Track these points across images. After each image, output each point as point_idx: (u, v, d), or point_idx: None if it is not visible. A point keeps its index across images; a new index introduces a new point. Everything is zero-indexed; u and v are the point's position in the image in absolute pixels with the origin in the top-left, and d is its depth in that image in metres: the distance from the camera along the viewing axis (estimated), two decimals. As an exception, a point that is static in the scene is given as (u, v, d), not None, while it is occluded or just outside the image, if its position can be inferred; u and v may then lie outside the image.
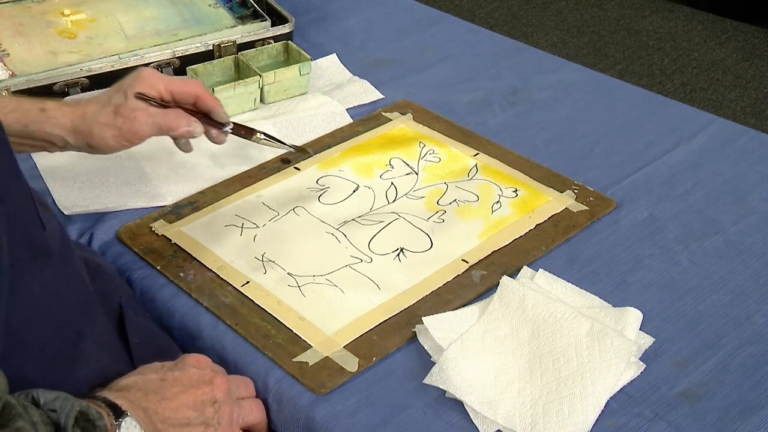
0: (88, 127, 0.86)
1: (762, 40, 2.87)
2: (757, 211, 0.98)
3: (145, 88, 0.88)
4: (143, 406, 0.66)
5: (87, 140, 0.87)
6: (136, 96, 0.87)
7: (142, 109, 0.87)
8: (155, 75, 0.89)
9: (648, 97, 1.22)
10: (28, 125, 0.85)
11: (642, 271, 0.90)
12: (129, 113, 0.86)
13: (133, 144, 0.88)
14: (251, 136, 0.94)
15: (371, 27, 1.40)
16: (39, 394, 0.59)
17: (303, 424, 0.75)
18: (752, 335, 0.82)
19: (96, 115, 0.86)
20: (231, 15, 1.29)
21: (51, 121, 0.86)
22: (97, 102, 0.88)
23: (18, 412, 0.55)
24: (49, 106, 0.86)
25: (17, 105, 0.85)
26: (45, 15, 1.28)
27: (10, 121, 0.84)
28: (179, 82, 0.90)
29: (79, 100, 0.89)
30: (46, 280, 0.65)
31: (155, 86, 0.88)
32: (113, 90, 0.89)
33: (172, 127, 0.88)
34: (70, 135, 0.87)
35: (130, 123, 0.86)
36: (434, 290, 0.87)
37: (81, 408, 0.59)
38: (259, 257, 0.91)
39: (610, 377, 0.75)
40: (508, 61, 1.30)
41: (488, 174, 1.03)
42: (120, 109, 0.86)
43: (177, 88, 0.89)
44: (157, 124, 0.87)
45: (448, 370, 0.75)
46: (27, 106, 0.86)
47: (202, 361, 0.74)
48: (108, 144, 0.87)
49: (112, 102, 0.87)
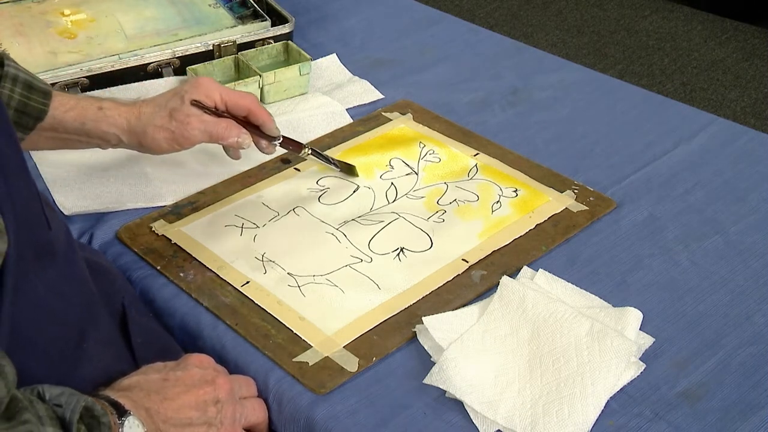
0: (142, 127, 0.89)
1: (762, 40, 2.87)
2: (757, 211, 0.98)
3: (202, 96, 0.90)
4: (146, 406, 0.66)
5: (140, 140, 0.90)
6: (192, 103, 0.90)
7: (195, 116, 0.90)
8: (213, 84, 0.92)
9: (648, 97, 1.22)
10: (86, 123, 0.88)
11: (642, 271, 0.90)
12: (183, 118, 0.89)
13: (184, 148, 0.92)
14: (299, 150, 0.98)
15: (371, 27, 1.40)
16: (44, 390, 0.59)
17: (303, 424, 0.75)
18: (752, 335, 0.82)
19: (151, 117, 0.89)
20: (231, 15, 1.29)
21: (108, 120, 0.89)
22: (153, 104, 0.91)
23: (24, 405, 0.56)
24: (107, 105, 0.89)
25: (76, 103, 0.88)
26: (45, 15, 1.28)
27: (69, 119, 0.87)
28: (235, 95, 0.92)
29: (135, 100, 0.92)
30: (50, 280, 0.66)
31: (211, 95, 0.91)
32: (170, 94, 0.91)
33: (222, 137, 0.91)
34: (125, 134, 0.90)
35: (183, 128, 0.89)
36: (434, 290, 0.87)
37: (86, 404, 0.60)
38: (259, 257, 0.91)
39: (610, 377, 0.75)
40: (508, 61, 1.30)
41: (488, 174, 1.03)
42: (175, 113, 0.89)
43: (231, 100, 0.92)
44: (208, 131, 0.90)
45: (448, 370, 0.75)
46: (85, 104, 0.88)
47: (205, 361, 0.75)
48: (159, 146, 0.91)
49: (168, 106, 0.90)
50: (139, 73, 1.19)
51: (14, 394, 0.56)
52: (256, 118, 0.93)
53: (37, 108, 0.85)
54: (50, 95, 0.86)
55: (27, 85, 0.84)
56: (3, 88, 0.82)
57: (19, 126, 0.84)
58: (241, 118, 0.93)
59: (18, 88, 0.83)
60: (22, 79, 0.84)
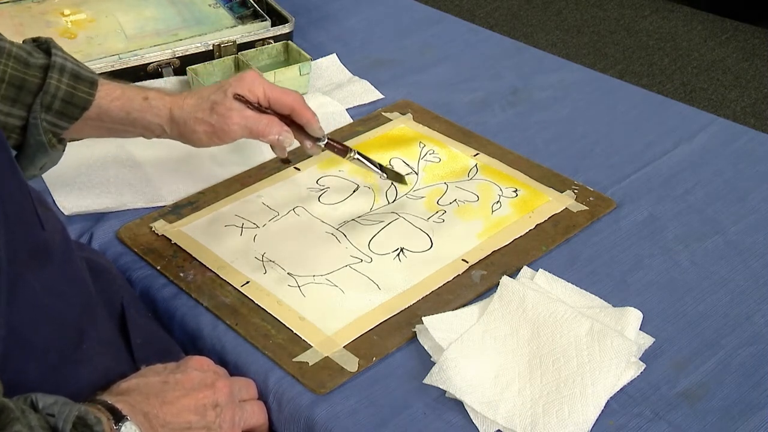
0: (184, 119, 0.88)
1: (762, 40, 2.87)
2: (757, 211, 0.98)
3: (245, 90, 0.89)
4: (144, 410, 0.65)
5: (181, 131, 0.89)
6: (235, 97, 0.88)
7: (237, 110, 0.88)
8: (257, 79, 0.90)
9: (648, 97, 1.22)
10: (131, 113, 0.88)
11: (642, 271, 0.90)
12: (224, 112, 0.88)
13: (224, 142, 0.90)
14: (345, 154, 0.96)
15: (371, 27, 1.40)
16: (38, 398, 0.58)
17: (303, 424, 0.75)
18: (752, 335, 0.82)
19: (193, 109, 0.89)
20: (231, 15, 1.29)
21: (152, 110, 0.88)
22: (197, 96, 0.90)
23: (15, 416, 0.55)
24: (152, 95, 0.89)
25: (122, 93, 0.88)
26: (45, 15, 1.28)
27: (114, 109, 0.87)
28: (279, 91, 0.91)
29: (181, 91, 0.91)
30: (47, 280, 0.65)
31: (255, 90, 0.89)
32: (215, 87, 0.90)
33: (263, 133, 0.89)
34: (167, 124, 0.89)
35: (223, 121, 0.88)
36: (434, 290, 0.87)
37: (79, 413, 0.59)
38: (259, 257, 0.91)
39: (610, 377, 0.75)
40: (508, 61, 1.30)
41: (488, 174, 1.03)
42: (216, 106, 0.88)
43: (275, 97, 0.90)
44: (248, 127, 0.89)
45: (448, 370, 0.75)
46: (131, 94, 0.88)
47: (205, 363, 0.74)
48: (199, 138, 0.90)
49: (210, 98, 0.89)
50: (139, 73, 1.19)
51: (6, 404, 0.55)
52: (299, 117, 0.91)
53: (83, 98, 0.85)
54: (96, 85, 0.86)
55: (74, 75, 0.84)
56: (51, 78, 0.82)
57: (64, 116, 0.84)
58: (285, 115, 0.91)
59: (65, 78, 0.83)
60: (69, 69, 0.84)
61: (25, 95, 0.82)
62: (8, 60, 0.81)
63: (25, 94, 0.82)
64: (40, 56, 0.83)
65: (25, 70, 0.82)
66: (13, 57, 0.81)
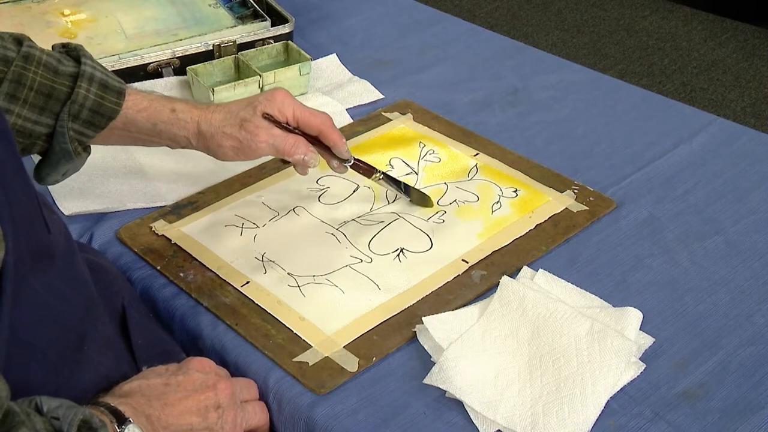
0: (212, 133, 0.89)
1: (762, 40, 2.87)
2: (757, 211, 0.98)
3: (275, 110, 0.90)
4: (146, 412, 0.66)
5: (207, 144, 0.90)
6: (264, 116, 0.89)
7: (265, 128, 0.89)
8: (287, 99, 0.91)
9: (648, 97, 1.22)
10: (158, 125, 0.88)
11: (642, 271, 0.90)
12: (253, 129, 0.89)
13: (249, 158, 0.91)
14: (371, 174, 0.96)
15: (371, 27, 1.40)
16: (42, 401, 0.58)
17: (303, 424, 0.75)
18: (752, 335, 0.82)
19: (222, 124, 0.89)
20: (231, 15, 1.29)
21: (179, 123, 0.89)
22: (225, 110, 0.90)
23: (21, 419, 0.55)
24: (179, 108, 0.89)
25: (149, 104, 0.88)
26: (45, 15, 1.28)
27: (141, 119, 0.87)
28: (307, 113, 0.91)
29: (209, 104, 0.92)
30: (50, 283, 0.65)
31: (284, 111, 0.90)
32: (244, 103, 0.91)
33: (288, 153, 0.90)
34: (194, 137, 0.90)
35: (251, 138, 0.88)
36: (434, 290, 0.87)
37: (84, 416, 0.59)
38: (259, 257, 0.91)
39: (610, 377, 0.75)
40: (508, 61, 1.30)
41: (488, 174, 1.03)
42: (245, 123, 0.89)
43: (303, 118, 0.91)
44: (275, 146, 0.89)
45: (448, 370, 0.75)
46: (158, 105, 0.88)
47: (206, 365, 0.74)
48: (225, 153, 0.90)
49: (239, 115, 0.89)
50: (139, 73, 1.19)
51: (11, 408, 0.55)
52: (326, 139, 0.92)
53: (110, 108, 0.85)
54: (124, 95, 0.86)
55: (102, 85, 0.84)
56: (79, 87, 0.82)
57: (91, 125, 0.84)
58: (312, 136, 0.92)
59: (94, 87, 0.83)
60: (98, 79, 0.84)
61: (54, 103, 0.82)
62: (38, 68, 0.81)
63: (53, 103, 0.82)
64: (69, 64, 0.83)
65: (54, 78, 0.82)
66: (42, 65, 0.81)
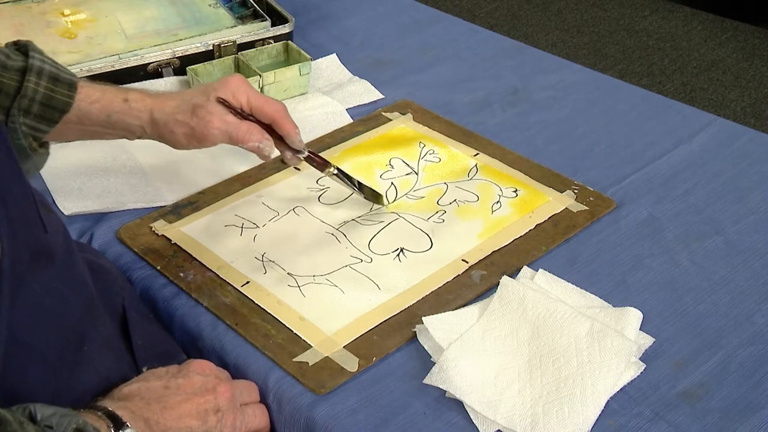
0: (164, 120, 0.88)
1: (762, 40, 2.87)
2: (757, 211, 0.98)
3: (228, 95, 0.88)
4: (145, 416, 0.65)
5: (160, 132, 0.89)
6: (218, 100, 0.88)
7: (218, 114, 0.87)
8: (242, 85, 0.90)
9: (648, 97, 1.22)
10: (111, 116, 0.87)
11: (642, 271, 0.90)
12: (204, 115, 0.87)
13: (203, 146, 0.90)
14: (324, 168, 0.95)
15: (371, 27, 1.40)
16: (36, 409, 0.58)
17: (303, 424, 0.75)
18: (752, 335, 0.82)
19: (174, 111, 0.88)
20: (231, 15, 1.29)
21: (132, 112, 0.87)
22: (179, 98, 0.89)
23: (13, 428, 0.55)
24: (132, 97, 0.88)
25: (101, 95, 0.86)
26: (45, 15, 1.28)
27: (95, 111, 0.86)
28: (262, 100, 0.90)
29: (163, 92, 0.90)
30: (49, 283, 0.65)
31: (238, 96, 0.89)
32: (198, 90, 0.90)
33: (242, 140, 0.88)
34: (148, 126, 0.88)
35: (203, 125, 0.87)
36: (434, 290, 0.87)
37: (77, 425, 0.59)
38: (259, 257, 0.91)
39: (610, 377, 0.75)
40: (508, 61, 1.30)
41: (488, 174, 1.03)
42: (197, 109, 0.87)
43: (258, 105, 0.89)
44: (228, 132, 0.88)
45: (448, 370, 0.75)
46: (111, 96, 0.87)
47: (207, 367, 0.74)
48: (179, 141, 0.89)
49: (192, 101, 0.88)
50: (139, 73, 1.19)
51: (4, 416, 0.55)
52: (280, 128, 0.91)
53: (62, 101, 0.83)
54: (75, 87, 0.84)
55: (52, 78, 0.82)
56: (28, 81, 0.81)
57: (43, 120, 0.83)
58: (266, 125, 0.91)
59: (43, 81, 0.82)
60: (47, 72, 0.82)
61: (3, 99, 0.80)
62: None
63: (2, 98, 0.80)
64: (18, 59, 0.82)
65: (2, 73, 0.80)
66: None
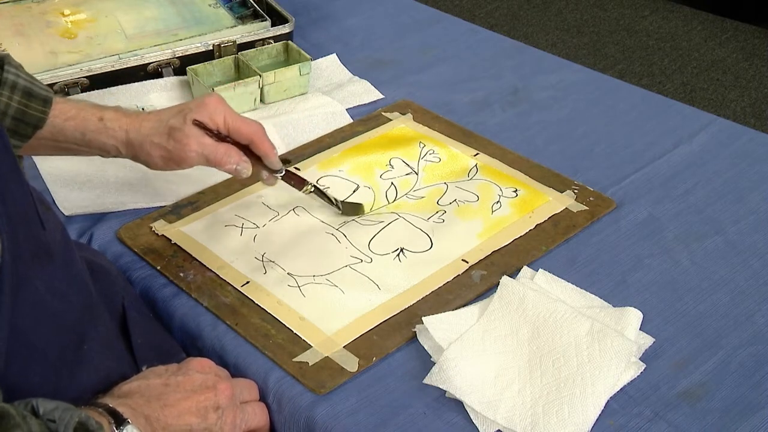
0: (140, 141, 0.87)
1: (762, 40, 2.87)
2: (757, 211, 0.98)
3: (205, 117, 0.87)
4: (145, 413, 0.65)
5: (136, 153, 0.88)
6: (194, 122, 0.87)
7: (195, 137, 0.87)
8: (219, 106, 0.89)
9: (648, 97, 1.22)
10: (86, 134, 0.86)
11: (642, 271, 0.90)
12: (182, 138, 0.86)
13: (180, 168, 0.89)
14: (302, 186, 0.95)
15: (371, 27, 1.40)
16: (39, 404, 0.58)
17: (303, 424, 0.75)
18: (752, 335, 0.82)
19: (150, 132, 0.87)
20: (231, 15, 1.29)
21: (108, 132, 0.87)
22: (155, 118, 0.88)
23: (16, 422, 0.55)
24: (108, 116, 0.87)
25: (77, 113, 0.86)
26: (45, 15, 1.28)
27: (69, 128, 0.85)
28: (239, 121, 0.89)
29: (140, 112, 0.90)
30: (50, 281, 0.65)
31: (215, 118, 0.88)
32: (174, 110, 0.89)
33: (220, 162, 0.88)
34: (123, 146, 0.88)
35: (180, 148, 0.86)
36: (434, 290, 0.87)
37: (80, 419, 0.59)
38: (259, 257, 0.91)
39: (610, 377, 0.75)
40: (508, 61, 1.30)
41: (488, 174, 1.03)
42: (174, 132, 0.87)
43: (235, 126, 0.89)
44: (205, 155, 0.87)
45: (448, 370, 0.75)
46: (86, 114, 0.86)
47: (206, 365, 0.74)
48: (155, 162, 0.88)
49: (169, 123, 0.87)
50: (139, 73, 1.19)
51: (7, 410, 0.55)
52: (257, 149, 0.90)
53: (35, 116, 0.83)
54: (50, 103, 0.84)
55: (26, 93, 0.82)
56: (1, 95, 0.80)
57: (16, 134, 0.82)
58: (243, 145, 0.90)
59: (16, 95, 0.81)
60: (21, 86, 0.82)
61: None
62: None
63: None
64: None
65: None
66: None
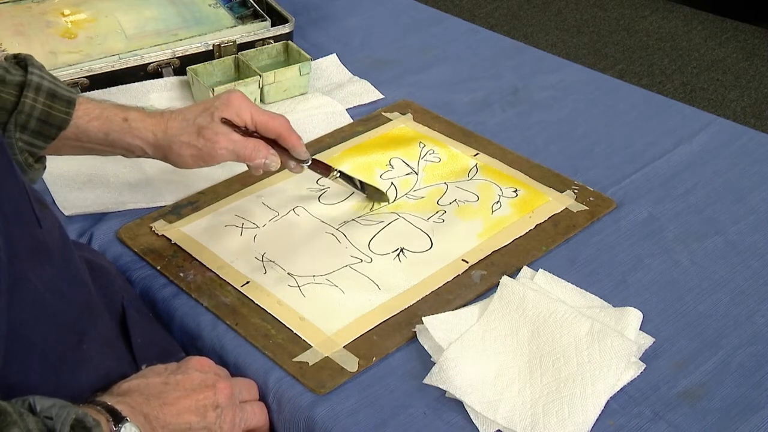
0: (168, 142, 0.88)
1: (762, 40, 2.87)
2: (757, 211, 0.98)
3: (232, 114, 0.88)
4: (144, 411, 0.66)
5: (165, 154, 0.89)
6: (222, 121, 0.88)
7: (224, 134, 0.88)
8: (244, 103, 0.90)
9: (648, 97, 1.22)
10: (110, 134, 0.86)
11: (642, 271, 0.90)
12: (211, 136, 0.87)
13: (209, 165, 0.90)
14: (328, 173, 0.96)
15: (371, 27, 1.40)
16: (36, 401, 0.58)
17: (303, 424, 0.75)
18: (752, 335, 0.82)
19: (178, 132, 0.88)
20: (231, 15, 1.29)
21: (133, 132, 0.87)
22: (181, 118, 0.89)
23: (13, 419, 0.55)
24: (132, 117, 0.87)
25: (101, 113, 0.86)
26: (45, 15, 1.28)
27: (93, 129, 0.86)
28: (266, 116, 0.90)
29: (163, 111, 0.90)
30: (48, 279, 0.65)
31: (242, 114, 0.89)
32: (200, 109, 0.89)
33: (249, 158, 0.89)
34: (150, 147, 0.88)
35: (210, 146, 0.87)
36: (434, 290, 0.87)
37: (77, 416, 0.59)
38: (259, 257, 0.91)
39: (610, 377, 0.75)
40: (508, 61, 1.30)
41: (488, 174, 1.03)
42: (203, 130, 0.87)
43: (262, 121, 0.90)
44: (235, 152, 0.88)
45: (448, 370, 0.75)
46: (110, 114, 0.86)
47: (206, 364, 0.74)
48: (185, 161, 0.89)
49: (196, 122, 0.88)
50: (139, 73, 1.19)
51: (4, 408, 0.55)
52: (285, 142, 0.91)
53: (59, 118, 0.83)
54: (74, 103, 0.84)
55: (51, 94, 0.82)
56: (26, 97, 0.80)
57: (40, 136, 0.82)
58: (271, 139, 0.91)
59: (41, 97, 0.81)
60: (45, 88, 0.81)
61: (0, 114, 0.80)
62: None
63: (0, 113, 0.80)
64: (17, 73, 0.81)
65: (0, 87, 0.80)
66: None
